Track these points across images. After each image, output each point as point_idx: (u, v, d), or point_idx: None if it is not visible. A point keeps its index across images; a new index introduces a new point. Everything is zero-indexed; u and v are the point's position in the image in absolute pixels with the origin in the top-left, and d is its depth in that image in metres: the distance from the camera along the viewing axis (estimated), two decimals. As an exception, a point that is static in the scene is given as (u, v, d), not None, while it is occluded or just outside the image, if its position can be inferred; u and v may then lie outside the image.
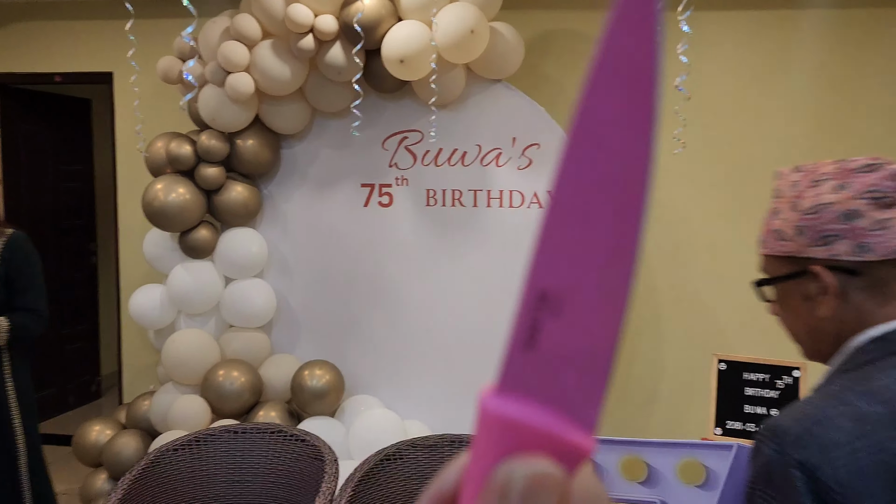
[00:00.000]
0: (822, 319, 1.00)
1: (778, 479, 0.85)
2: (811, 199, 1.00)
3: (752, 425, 2.32)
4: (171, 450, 2.51)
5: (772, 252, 1.04)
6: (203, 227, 3.49)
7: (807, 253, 1.00)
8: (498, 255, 3.50)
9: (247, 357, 3.50)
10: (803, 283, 1.00)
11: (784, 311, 1.06)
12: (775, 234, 1.03)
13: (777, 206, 1.05)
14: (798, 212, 1.00)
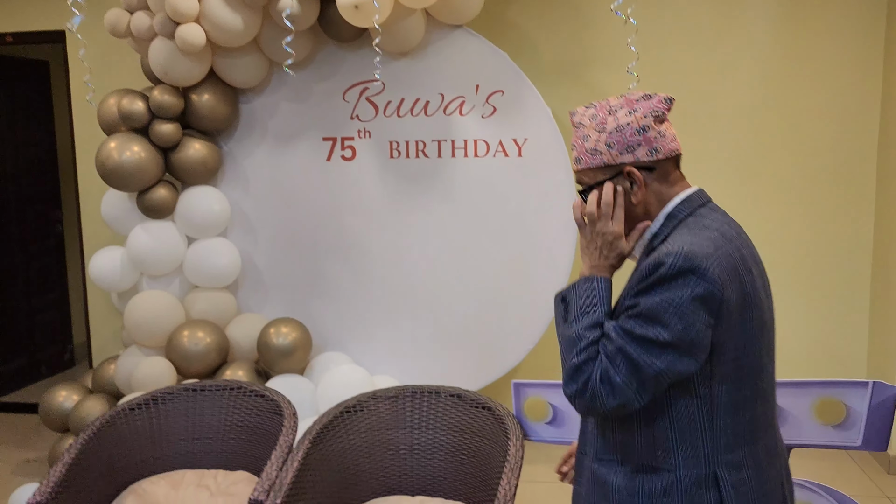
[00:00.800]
0: (636, 205, 1.39)
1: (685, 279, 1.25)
2: (612, 123, 1.38)
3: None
4: (128, 409, 2.46)
5: (589, 165, 1.40)
6: (161, 186, 3.40)
7: (619, 160, 1.38)
8: (463, 206, 3.44)
9: (213, 318, 3.45)
10: (619, 181, 1.39)
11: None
12: (590, 153, 1.39)
13: (583, 133, 1.40)
14: (606, 133, 1.38)
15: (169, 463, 2.49)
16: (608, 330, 1.30)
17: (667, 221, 1.38)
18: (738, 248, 1.32)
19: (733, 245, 1.32)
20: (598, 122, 1.38)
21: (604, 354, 1.28)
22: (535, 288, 3.41)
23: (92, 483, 2.25)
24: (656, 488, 1.32)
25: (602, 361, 1.27)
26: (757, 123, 3.71)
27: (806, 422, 2.12)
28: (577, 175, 1.43)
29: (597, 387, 1.27)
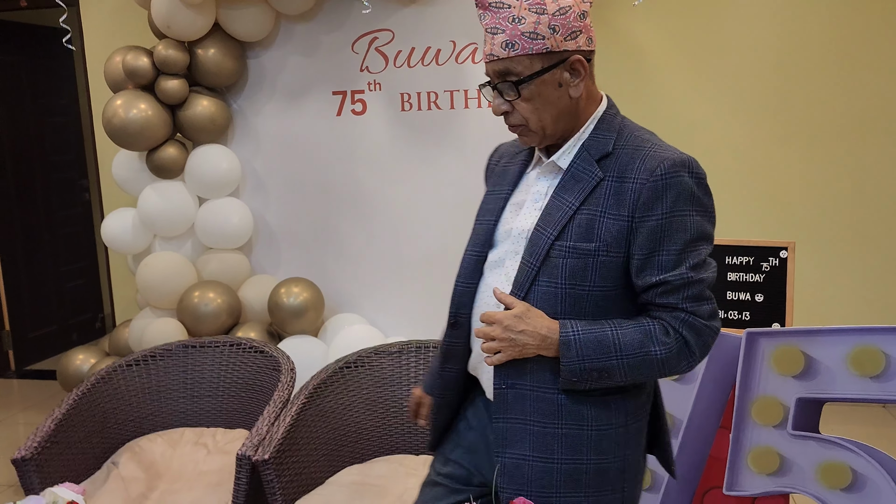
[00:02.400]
0: (573, 100, 1.27)
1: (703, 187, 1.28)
2: (552, 4, 1.21)
3: (735, 313, 2.12)
4: (125, 365, 2.41)
5: (525, 51, 1.21)
6: (170, 145, 3.34)
7: (562, 46, 1.23)
8: (477, 157, 3.27)
9: (225, 279, 3.38)
10: (558, 72, 1.24)
11: (532, 102, 1.25)
12: (528, 36, 1.20)
13: (512, 14, 1.21)
14: (547, 14, 1.21)
15: (167, 421, 2.44)
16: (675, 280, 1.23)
17: (601, 124, 1.30)
18: None
19: None
20: (533, 2, 1.21)
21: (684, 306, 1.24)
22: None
23: (85, 439, 2.20)
24: (630, 407, 1.32)
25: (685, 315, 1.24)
26: (792, 71, 3.44)
27: (840, 373, 1.94)
28: (504, 63, 1.22)
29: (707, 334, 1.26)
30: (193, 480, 2.14)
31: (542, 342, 1.24)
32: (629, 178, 1.23)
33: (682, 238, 1.22)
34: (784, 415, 1.98)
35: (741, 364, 1.99)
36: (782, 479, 2.02)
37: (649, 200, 1.21)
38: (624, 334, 1.23)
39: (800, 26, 3.41)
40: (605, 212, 1.24)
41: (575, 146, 1.30)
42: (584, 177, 1.27)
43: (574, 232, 1.26)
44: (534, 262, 1.29)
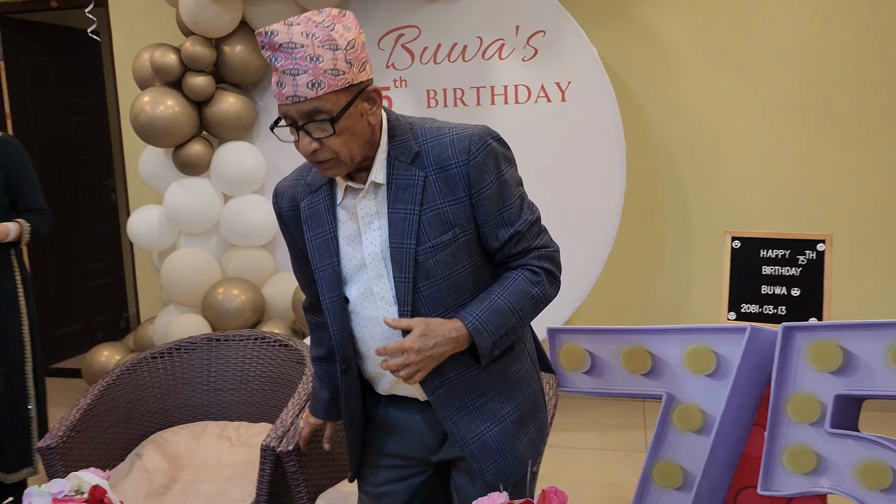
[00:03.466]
0: (371, 126, 1.32)
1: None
2: (341, 39, 1.23)
3: (770, 307, 2.06)
4: (150, 358, 2.40)
5: (332, 88, 1.23)
6: (196, 141, 3.35)
7: (359, 78, 1.26)
8: (504, 155, 3.25)
9: (249, 276, 3.38)
10: (359, 103, 1.28)
11: (343, 136, 1.27)
12: (331, 73, 1.22)
13: (308, 53, 1.22)
14: (341, 50, 1.23)
15: (191, 413, 2.42)
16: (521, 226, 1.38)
17: (393, 132, 1.36)
18: None
19: None
20: (322, 39, 1.23)
21: (535, 244, 1.41)
22: (581, 240, 3.21)
23: (110, 430, 2.20)
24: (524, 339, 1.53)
25: (538, 250, 1.41)
26: (824, 64, 3.38)
27: (881, 369, 1.87)
28: (312, 104, 1.23)
29: (557, 257, 1.45)
30: (216, 472, 2.12)
31: (456, 343, 1.34)
32: (450, 166, 1.33)
33: (511, 192, 1.38)
34: (821, 412, 1.92)
35: (777, 359, 1.94)
36: (819, 479, 1.95)
37: (477, 176, 1.33)
38: (508, 294, 1.38)
39: (832, 17, 3.35)
40: (445, 202, 1.34)
41: (383, 160, 1.35)
42: (408, 182, 1.35)
43: (428, 233, 1.35)
44: (407, 276, 1.35)
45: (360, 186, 1.37)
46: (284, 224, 1.50)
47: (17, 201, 2.61)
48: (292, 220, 1.47)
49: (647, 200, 3.58)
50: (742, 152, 3.48)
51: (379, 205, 1.37)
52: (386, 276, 1.37)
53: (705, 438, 2.04)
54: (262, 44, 1.24)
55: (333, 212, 1.41)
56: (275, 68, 1.25)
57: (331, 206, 1.41)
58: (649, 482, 2.13)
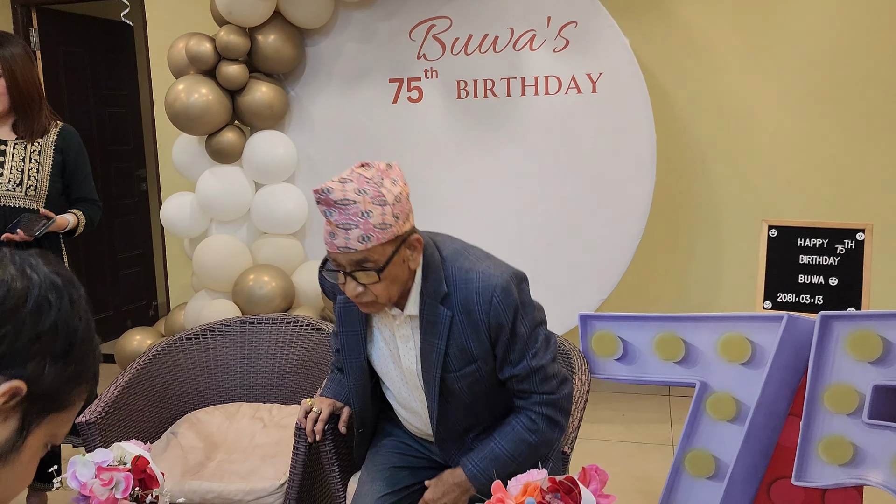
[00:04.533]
0: (412, 270, 1.51)
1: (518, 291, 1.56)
2: (389, 194, 1.40)
3: (806, 297, 2.05)
4: (184, 339, 2.44)
5: (380, 241, 1.40)
6: (229, 130, 3.38)
7: (403, 229, 1.44)
8: (534, 147, 3.25)
9: (279, 263, 3.41)
10: (402, 251, 1.45)
11: (385, 282, 1.45)
12: (380, 227, 1.39)
13: (360, 209, 1.38)
14: (389, 205, 1.40)
15: (224, 394, 2.45)
16: (518, 371, 1.55)
17: (427, 270, 1.53)
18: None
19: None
20: (373, 195, 1.39)
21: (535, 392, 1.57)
22: (610, 232, 3.20)
23: (146, 408, 2.23)
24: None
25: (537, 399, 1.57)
26: (860, 57, 3.34)
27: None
28: (361, 254, 1.41)
29: (562, 402, 1.60)
30: (250, 452, 2.14)
31: (461, 488, 1.59)
32: (474, 311, 1.52)
33: (523, 337, 1.53)
34: (859, 402, 1.90)
35: (814, 349, 1.92)
36: (855, 471, 1.93)
37: (496, 324, 1.51)
38: (507, 443, 1.57)
39: (866, 9, 3.30)
40: (468, 339, 1.54)
41: (416, 296, 1.55)
42: (437, 320, 1.54)
43: (453, 364, 1.56)
44: (433, 396, 1.60)
45: (398, 311, 1.57)
46: (325, 293, 1.80)
47: (71, 190, 2.64)
48: (331, 294, 1.72)
49: (677, 192, 3.56)
50: (773, 144, 3.45)
51: (413, 331, 1.59)
52: (420, 388, 1.63)
53: (739, 427, 2.02)
54: (318, 199, 1.39)
55: (365, 319, 1.64)
56: (328, 221, 1.41)
57: (362, 315, 1.63)
58: (681, 471, 2.13)
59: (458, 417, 1.64)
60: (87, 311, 0.76)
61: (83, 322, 0.75)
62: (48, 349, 0.72)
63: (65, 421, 0.77)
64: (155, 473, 1.50)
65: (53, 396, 0.73)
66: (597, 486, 1.27)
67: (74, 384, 0.75)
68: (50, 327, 0.71)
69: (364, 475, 1.81)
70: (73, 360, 0.74)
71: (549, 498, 1.25)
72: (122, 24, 5.05)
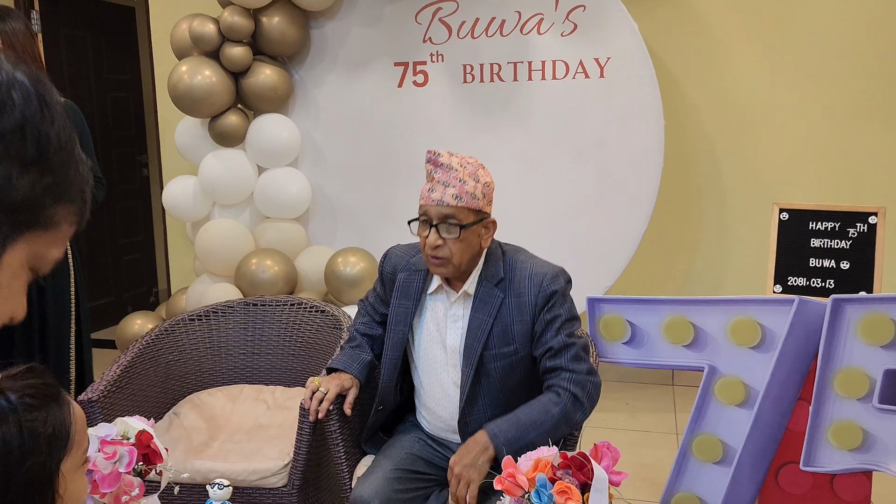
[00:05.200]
0: (482, 248, 1.73)
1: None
2: (482, 177, 1.69)
3: (817, 281, 2.02)
4: (188, 319, 2.41)
5: (469, 206, 1.66)
6: (232, 112, 3.35)
7: (485, 209, 1.70)
8: (540, 132, 3.23)
9: (282, 248, 3.39)
10: (480, 226, 1.70)
11: (462, 244, 1.67)
12: (471, 196, 1.66)
13: (459, 176, 1.65)
14: (480, 184, 1.68)
15: (227, 376, 2.43)
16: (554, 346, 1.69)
17: (489, 257, 1.76)
18: None
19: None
20: (471, 172, 1.67)
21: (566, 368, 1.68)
22: (617, 218, 3.17)
23: (148, 389, 2.21)
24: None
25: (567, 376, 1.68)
26: (872, 48, 3.31)
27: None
28: (451, 209, 1.64)
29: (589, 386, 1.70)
30: (253, 433, 2.12)
31: (481, 447, 1.62)
32: (524, 293, 1.72)
33: (561, 320, 1.71)
34: (870, 387, 1.88)
35: (825, 332, 1.90)
36: (865, 456, 1.92)
37: (542, 304, 1.70)
38: (530, 411, 1.66)
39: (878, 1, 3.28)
40: (513, 320, 1.72)
41: (475, 277, 1.75)
42: (490, 300, 1.72)
43: (494, 342, 1.72)
44: (469, 370, 1.72)
45: (452, 292, 1.76)
46: (381, 279, 1.90)
47: None
48: (388, 280, 1.88)
49: (685, 178, 3.53)
50: (783, 130, 3.42)
51: (465, 311, 1.75)
52: (457, 367, 1.75)
53: (747, 412, 2.00)
54: (428, 159, 1.66)
55: (419, 297, 1.80)
56: (431, 178, 1.66)
57: (420, 290, 1.80)
58: (688, 456, 2.11)
59: (485, 403, 1.74)
60: (63, 118, 0.69)
61: (57, 128, 0.68)
62: (14, 153, 0.64)
63: (49, 242, 0.70)
64: (159, 448, 1.48)
65: (29, 209, 0.66)
66: (608, 462, 1.25)
67: (54, 199, 0.68)
68: (13, 128, 0.64)
69: (378, 457, 1.82)
70: (49, 169, 0.66)
71: (561, 474, 1.23)
72: (125, 6, 5.02)
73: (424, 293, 1.80)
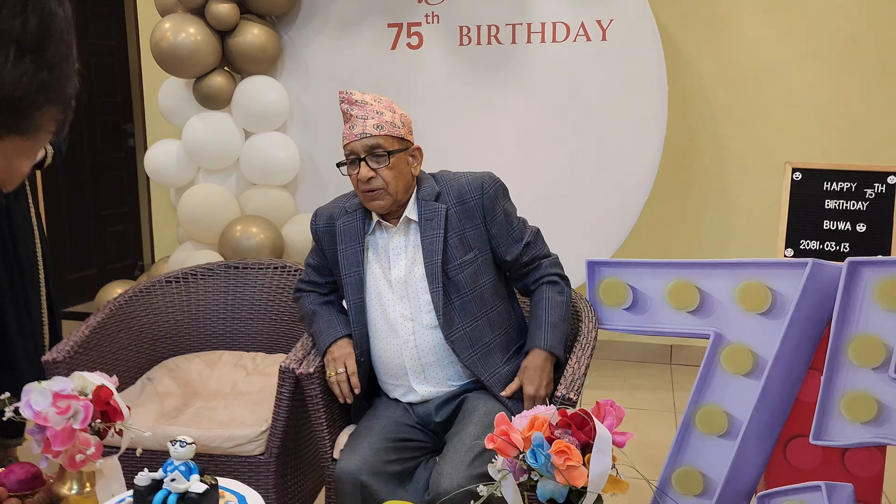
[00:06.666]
0: (413, 175, 1.77)
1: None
2: (397, 109, 1.74)
3: (831, 244, 1.91)
4: (164, 282, 2.28)
5: (390, 133, 1.69)
6: (218, 73, 3.21)
7: (408, 138, 1.75)
8: (540, 96, 3.09)
9: (269, 216, 3.26)
10: (406, 154, 1.73)
11: (393, 171, 1.70)
12: (391, 124, 1.70)
13: (376, 109, 1.70)
14: (398, 114, 1.73)
15: (205, 342, 2.31)
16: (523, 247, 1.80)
17: (420, 182, 1.79)
18: None
19: None
20: (386, 104, 1.72)
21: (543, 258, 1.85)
22: (619, 185, 3.05)
23: (120, 352, 2.08)
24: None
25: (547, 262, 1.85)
26: (879, 11, 3.18)
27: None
28: (375, 140, 1.67)
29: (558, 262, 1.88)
30: (231, 399, 2.00)
31: (544, 361, 1.73)
32: (468, 199, 1.75)
33: (515, 216, 1.82)
34: (886, 355, 1.77)
35: (839, 297, 1.78)
36: (879, 429, 1.80)
37: (490, 206, 1.75)
38: (552, 311, 1.77)
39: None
40: (465, 228, 1.75)
41: (414, 202, 1.77)
42: (434, 214, 1.74)
43: (454, 254, 1.73)
44: (437, 287, 1.71)
45: (390, 226, 1.76)
46: (318, 238, 1.87)
47: None
48: (326, 235, 1.84)
49: (687, 143, 3.40)
50: (791, 92, 3.28)
51: (408, 240, 1.76)
52: (406, 298, 1.74)
53: (755, 382, 1.89)
54: (342, 99, 1.69)
55: (363, 235, 1.79)
56: (349, 116, 1.69)
57: (362, 230, 1.79)
58: (690, 428, 1.99)
59: (461, 318, 1.73)
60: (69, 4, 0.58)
61: (64, 11, 0.57)
62: (15, 33, 0.53)
63: (23, 151, 0.59)
64: (119, 406, 1.36)
65: (15, 106, 0.55)
66: (612, 421, 1.14)
67: (43, 99, 0.56)
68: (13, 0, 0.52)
69: (362, 427, 1.72)
70: (46, 61, 0.55)
71: (559, 433, 1.11)
72: (111, -29, 4.84)
73: (365, 233, 1.80)
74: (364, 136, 1.67)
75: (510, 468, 1.15)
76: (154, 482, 1.17)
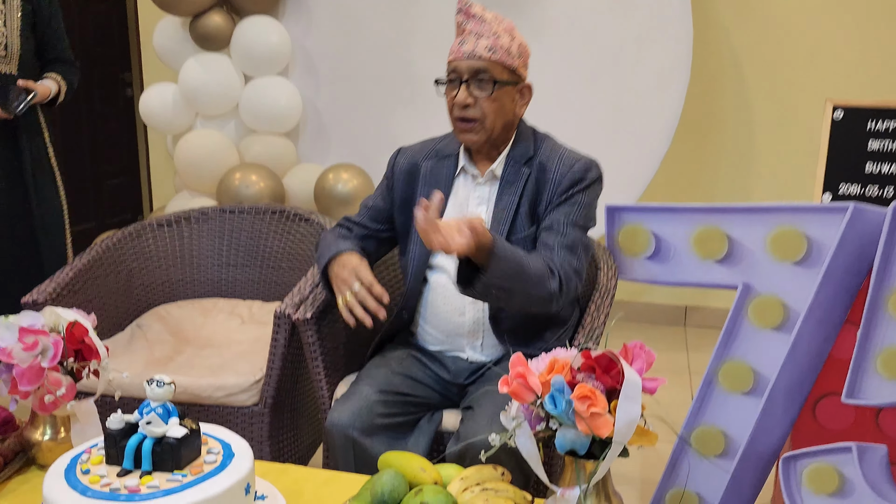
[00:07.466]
0: (516, 116, 1.61)
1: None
2: (518, 37, 1.55)
3: (874, 188, 1.76)
4: (156, 226, 2.16)
5: (504, 62, 1.51)
6: (216, 12, 3.05)
7: (521, 71, 1.57)
8: (552, 44, 2.92)
9: (269, 164, 3.12)
10: (515, 90, 1.56)
11: (495, 104, 1.53)
12: (506, 51, 1.51)
13: (494, 30, 1.50)
14: (516, 41, 1.53)
15: (199, 289, 2.19)
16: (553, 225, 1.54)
17: (519, 136, 1.61)
18: None
19: None
20: (507, 28, 1.52)
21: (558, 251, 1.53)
22: (635, 138, 2.90)
23: (108, 297, 1.97)
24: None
25: (558, 258, 1.52)
26: None
27: None
28: (484, 63, 1.48)
29: (571, 279, 1.52)
30: (224, 348, 1.89)
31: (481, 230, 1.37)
32: (549, 170, 1.57)
33: (578, 206, 1.56)
34: (930, 309, 1.63)
35: (882, 246, 1.64)
36: (919, 388, 1.68)
37: (566, 186, 1.55)
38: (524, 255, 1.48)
39: None
40: (538, 197, 1.57)
41: (503, 157, 1.59)
42: (516, 180, 1.58)
43: (521, 223, 1.58)
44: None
45: (478, 174, 1.60)
46: (393, 176, 1.70)
47: (45, 48, 2.37)
48: (403, 175, 1.68)
49: (710, 96, 3.22)
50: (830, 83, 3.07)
51: (490, 194, 1.61)
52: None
53: (785, 336, 1.75)
54: (459, 9, 1.51)
55: (451, 184, 1.63)
56: (462, 30, 1.51)
57: (451, 177, 1.63)
58: (713, 385, 1.87)
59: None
60: None
61: None
62: None
63: None
64: (95, 345, 1.23)
65: None
66: (642, 365, 1.01)
67: None
68: None
69: (361, 376, 1.59)
70: None
71: (582, 377, 0.98)
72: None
73: (454, 180, 1.62)
74: (473, 56, 1.48)
75: (526, 416, 1.03)
76: (128, 425, 1.05)
